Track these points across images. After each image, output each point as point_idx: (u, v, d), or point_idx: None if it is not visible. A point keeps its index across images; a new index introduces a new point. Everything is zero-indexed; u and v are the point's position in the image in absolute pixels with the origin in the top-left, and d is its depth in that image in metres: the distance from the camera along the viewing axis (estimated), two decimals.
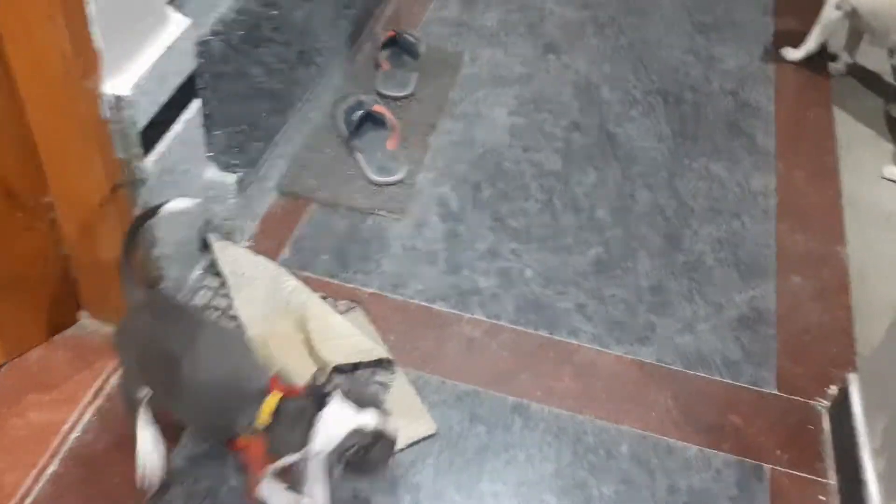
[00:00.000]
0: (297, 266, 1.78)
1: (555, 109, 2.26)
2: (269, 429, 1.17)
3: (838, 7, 2.31)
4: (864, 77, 2.53)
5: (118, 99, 1.32)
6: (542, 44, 2.48)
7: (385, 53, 2.29)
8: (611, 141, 2.18)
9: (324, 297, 1.69)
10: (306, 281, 1.71)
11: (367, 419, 1.15)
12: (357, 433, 1.13)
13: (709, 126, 2.26)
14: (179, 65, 1.45)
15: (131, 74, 1.35)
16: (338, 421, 1.14)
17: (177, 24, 1.45)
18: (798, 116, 2.34)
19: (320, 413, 1.14)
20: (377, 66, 2.27)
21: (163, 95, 1.42)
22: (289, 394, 1.20)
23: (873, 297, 1.87)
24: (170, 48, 1.41)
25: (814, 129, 2.31)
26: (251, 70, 1.93)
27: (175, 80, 1.45)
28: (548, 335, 1.71)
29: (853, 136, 2.33)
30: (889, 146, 2.31)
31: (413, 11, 2.54)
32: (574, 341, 1.70)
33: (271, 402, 1.18)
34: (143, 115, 1.38)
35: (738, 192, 2.07)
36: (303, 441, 1.14)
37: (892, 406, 1.41)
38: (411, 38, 2.30)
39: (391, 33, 2.30)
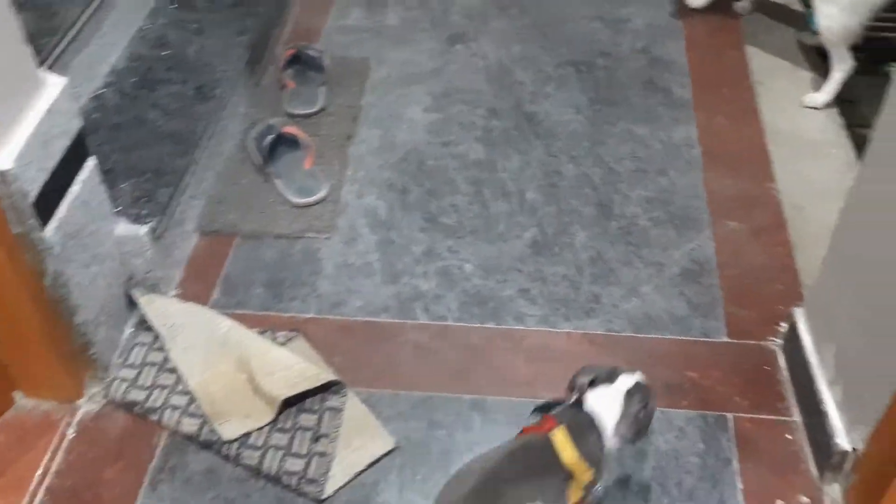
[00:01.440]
0: (230, 305, 1.73)
1: (470, 99, 2.24)
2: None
3: None
4: (772, 10, 2.54)
5: (2, 174, 1.27)
6: (447, 35, 2.46)
7: (289, 73, 2.25)
8: (530, 121, 2.16)
9: (262, 332, 1.65)
10: (242, 318, 1.67)
11: (626, 380, 1.24)
12: (629, 395, 1.23)
13: (624, 88, 2.25)
14: (63, 126, 1.40)
15: (12, 146, 1.29)
16: (607, 399, 1.23)
17: (54, 86, 1.40)
18: (712, 63, 2.34)
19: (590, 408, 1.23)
20: (282, 86, 2.23)
21: (50, 161, 1.37)
22: (545, 426, 1.23)
23: (811, 227, 1.87)
24: (49, 111, 1.36)
25: (729, 71, 2.32)
26: (149, 115, 1.88)
27: (61, 143, 1.40)
28: (495, 326, 1.69)
29: (769, 70, 2.33)
30: (806, 74, 2.33)
31: (312, 25, 2.50)
32: (522, 327, 1.68)
33: (562, 441, 1.20)
34: (32, 185, 1.33)
35: (662, 149, 2.07)
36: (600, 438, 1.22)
37: (839, 334, 1.41)
38: (313, 53, 2.26)
39: (291, 51, 2.26)
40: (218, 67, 2.05)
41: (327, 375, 1.55)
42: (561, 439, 1.20)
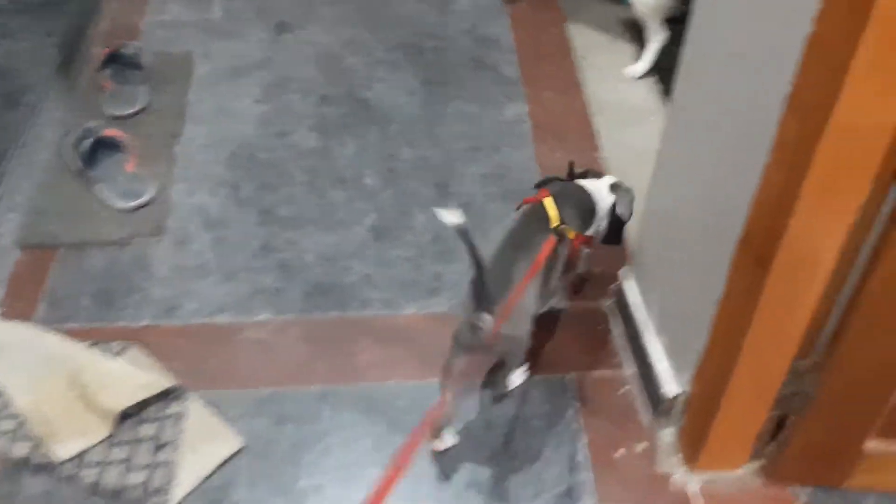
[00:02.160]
0: (57, 320, 1.63)
1: (301, 87, 2.20)
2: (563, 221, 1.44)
3: None
4: None
5: None
6: (274, 24, 2.41)
7: (106, 73, 2.13)
8: (363, 106, 2.15)
9: (93, 344, 1.56)
10: (71, 333, 1.58)
11: (609, 179, 1.61)
12: (615, 187, 1.58)
13: (454, 69, 2.28)
14: None
15: None
16: (599, 185, 1.58)
17: None
18: (536, 40, 2.40)
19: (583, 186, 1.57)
20: (100, 88, 2.11)
21: None
22: (540, 196, 1.48)
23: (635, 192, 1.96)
24: None
25: (553, 48, 2.39)
26: None
27: None
28: (340, 314, 1.67)
29: (591, 45, 2.42)
30: (626, 46, 2.43)
31: (130, 21, 2.38)
32: (368, 313, 1.68)
33: (547, 203, 1.45)
34: None
35: (494, 126, 2.11)
36: (586, 210, 1.54)
37: (661, 287, 1.49)
38: (130, 51, 2.15)
39: (107, 50, 2.14)
40: (26, 72, 1.92)
41: (165, 382, 1.49)
42: (548, 203, 1.46)
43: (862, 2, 0.85)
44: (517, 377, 1.45)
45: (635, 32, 2.45)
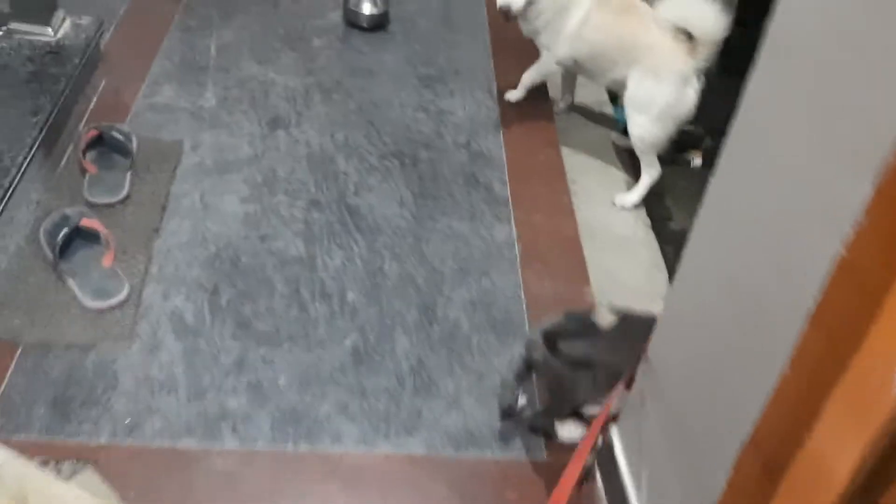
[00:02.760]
0: (8, 430, 1.53)
1: (290, 189, 2.15)
2: None
3: (558, 63, 2.38)
4: (586, 111, 2.65)
5: None
6: (268, 119, 2.37)
7: (91, 155, 2.07)
8: (352, 214, 2.11)
9: (44, 463, 1.46)
10: (22, 446, 1.46)
11: None
12: None
13: (447, 183, 2.25)
14: None
15: None
16: None
17: None
18: (529, 160, 2.39)
19: None
20: (83, 170, 2.04)
21: None
22: None
23: None
24: None
25: (545, 169, 2.38)
26: None
27: None
28: (309, 448, 1.59)
29: (583, 169, 2.42)
30: (618, 173, 2.43)
31: (120, 102, 2.33)
32: (339, 449, 1.59)
33: None
34: None
35: (484, 248, 2.07)
36: None
37: (651, 456, 1.43)
38: (119, 135, 2.09)
39: (94, 132, 2.08)
40: (5, 151, 1.84)
41: None
42: None
43: None
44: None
45: (627, 159, 2.47)
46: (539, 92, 2.57)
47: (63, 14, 2.27)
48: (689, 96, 2.17)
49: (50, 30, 2.21)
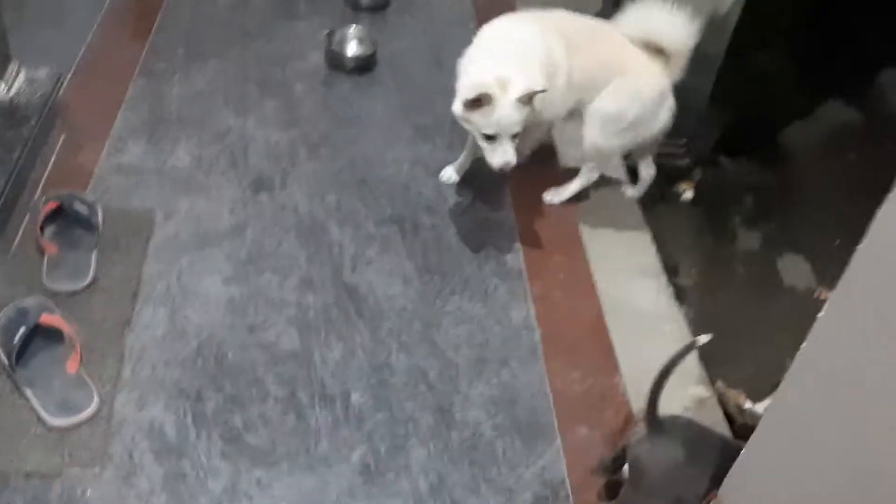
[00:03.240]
0: None
1: (279, 266, 1.91)
2: None
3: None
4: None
5: None
6: (250, 180, 2.12)
7: (50, 231, 1.81)
8: (351, 295, 1.87)
9: None
10: None
11: None
12: None
13: (453, 254, 2.02)
14: None
15: None
16: None
17: None
18: (540, 222, 2.18)
19: None
20: (41, 251, 1.77)
21: None
22: None
23: None
24: None
25: (559, 233, 2.17)
26: None
27: None
28: None
29: (597, 229, 2.22)
30: (634, 231, 2.25)
31: (81, 164, 2.06)
32: None
33: None
34: None
35: (500, 332, 1.85)
36: None
37: None
38: (82, 207, 1.83)
39: (53, 204, 1.81)
40: None
41: None
42: None
43: None
44: None
45: (639, 212, 2.29)
46: (542, 146, 2.37)
47: (16, 66, 2.00)
48: (664, 114, 2.10)
49: (2, 86, 1.94)
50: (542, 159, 2.34)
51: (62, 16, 2.53)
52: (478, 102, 1.77)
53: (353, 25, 2.64)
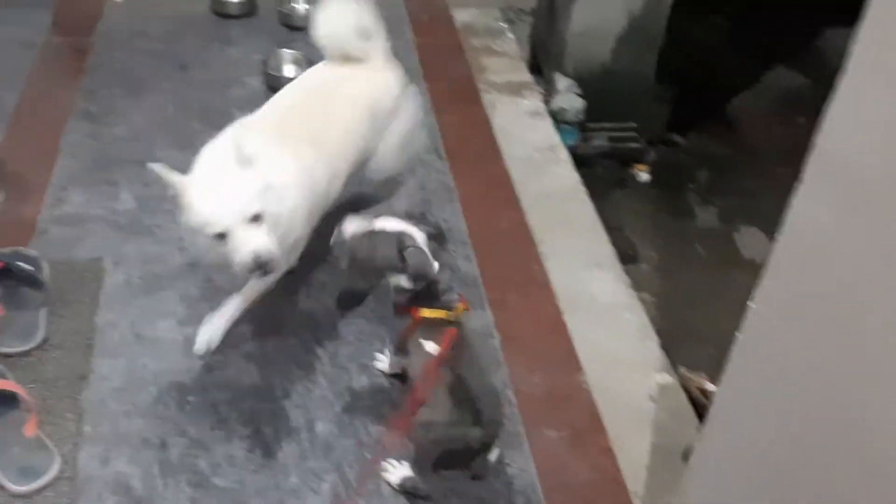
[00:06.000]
0: None
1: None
2: None
3: None
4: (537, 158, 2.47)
5: None
6: None
7: None
8: (308, 322, 1.86)
9: None
10: None
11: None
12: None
13: None
14: None
15: None
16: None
17: None
18: (491, 227, 2.18)
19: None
20: None
21: None
22: None
23: (623, 417, 1.75)
24: None
25: (511, 236, 2.18)
26: None
27: None
28: None
29: (549, 225, 2.23)
30: (587, 224, 2.27)
31: (21, 218, 2.03)
32: None
33: None
34: None
35: None
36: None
37: None
38: (26, 264, 1.80)
39: None
40: None
41: None
42: None
43: None
44: None
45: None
46: (489, 143, 2.38)
47: None
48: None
49: None
50: (485, 153, 2.35)
51: None
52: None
53: (287, 48, 2.63)
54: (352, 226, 1.47)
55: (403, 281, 1.45)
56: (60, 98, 2.45)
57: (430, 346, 1.46)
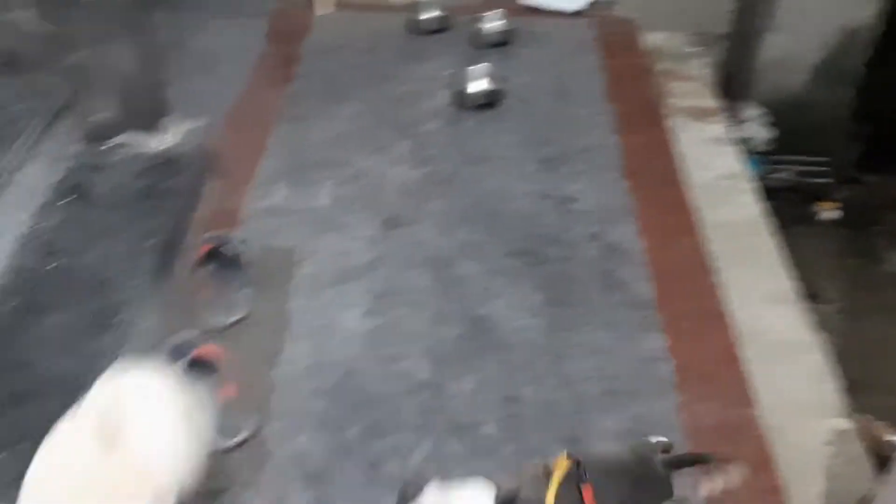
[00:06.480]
0: None
1: (413, 299, 1.99)
2: None
3: None
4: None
5: None
6: (383, 219, 2.22)
7: (204, 273, 1.96)
8: (481, 327, 1.93)
9: None
10: None
11: None
12: None
13: (581, 285, 2.05)
14: None
15: None
16: None
17: None
18: (668, 250, 2.16)
19: None
20: (196, 291, 1.93)
21: None
22: None
23: (798, 461, 1.68)
24: None
25: (687, 262, 2.15)
26: (31, 356, 1.55)
27: None
28: None
29: (729, 255, 2.19)
30: (770, 254, 2.21)
31: (231, 208, 2.22)
32: None
33: None
34: None
35: (630, 364, 1.85)
36: None
37: None
38: (233, 248, 1.99)
39: (207, 247, 1.98)
40: (120, 284, 1.75)
41: None
42: None
43: None
44: None
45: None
46: (671, 167, 2.36)
47: (173, 119, 2.20)
48: None
49: (162, 138, 2.14)
50: (664, 175, 2.33)
51: (213, 67, 2.75)
52: None
53: (478, 63, 2.72)
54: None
55: None
56: (270, 101, 2.67)
57: None
